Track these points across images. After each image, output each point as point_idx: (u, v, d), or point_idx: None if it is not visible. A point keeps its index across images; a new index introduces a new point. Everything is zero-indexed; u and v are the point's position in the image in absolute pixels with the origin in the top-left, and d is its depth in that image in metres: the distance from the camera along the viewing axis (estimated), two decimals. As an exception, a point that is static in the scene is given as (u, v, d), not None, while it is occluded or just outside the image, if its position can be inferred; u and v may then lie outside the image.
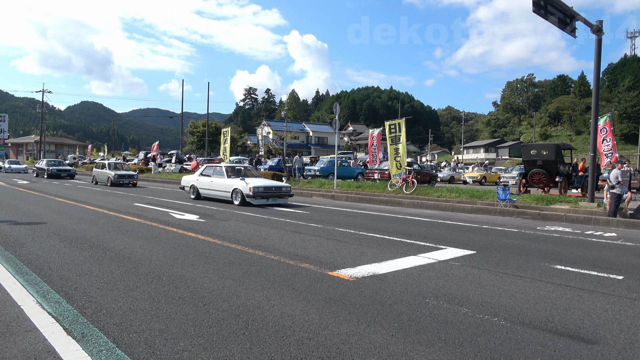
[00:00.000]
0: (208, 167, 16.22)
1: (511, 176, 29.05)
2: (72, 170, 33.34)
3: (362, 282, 5.18)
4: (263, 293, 4.64)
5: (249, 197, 13.63)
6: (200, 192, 15.76)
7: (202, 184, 15.66)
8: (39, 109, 67.68)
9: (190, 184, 16.30)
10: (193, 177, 16.56)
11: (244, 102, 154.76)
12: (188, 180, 16.69)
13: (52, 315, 3.85)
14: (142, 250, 6.76)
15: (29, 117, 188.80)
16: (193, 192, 16.06)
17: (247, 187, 13.66)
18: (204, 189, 15.64)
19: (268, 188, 14.03)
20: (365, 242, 7.94)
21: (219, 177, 15.09)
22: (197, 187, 15.82)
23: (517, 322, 3.97)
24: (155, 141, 56.59)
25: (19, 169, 41.40)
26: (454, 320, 3.97)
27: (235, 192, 14.11)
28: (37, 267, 5.55)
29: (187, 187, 16.53)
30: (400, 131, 18.23)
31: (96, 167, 26.27)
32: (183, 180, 17.09)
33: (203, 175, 15.89)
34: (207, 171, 16.00)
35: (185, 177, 17.20)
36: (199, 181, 15.83)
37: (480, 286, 5.12)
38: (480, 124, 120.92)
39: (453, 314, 4.15)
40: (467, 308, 4.32)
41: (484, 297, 4.68)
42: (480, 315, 4.11)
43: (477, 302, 4.50)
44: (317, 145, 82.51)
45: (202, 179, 15.75)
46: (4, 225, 8.94)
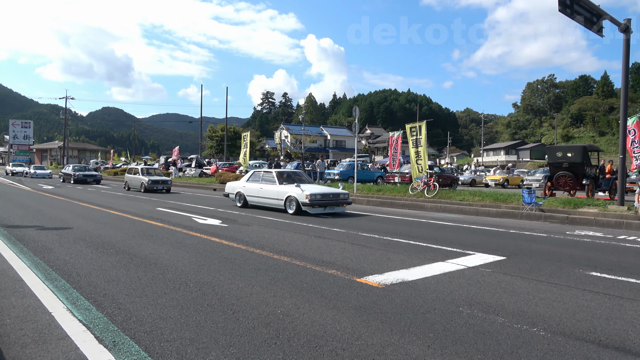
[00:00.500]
0: (256, 173, 15.13)
1: (535, 179, 28.50)
2: (98, 176, 33.09)
3: (392, 289, 5.06)
4: (292, 300, 4.56)
5: (305, 205, 12.44)
6: (248, 199, 14.62)
7: (250, 191, 14.50)
8: (62, 115, 69.10)
9: (236, 191, 15.13)
10: (239, 183, 15.43)
11: (261, 106, 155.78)
12: (234, 187, 15.45)
13: (83, 323, 3.83)
14: (168, 255, 6.76)
15: (52, 123, 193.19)
16: (240, 199, 14.92)
17: (303, 195, 12.45)
18: (252, 197, 14.48)
19: (325, 195, 12.79)
20: (390, 247, 7.81)
21: (269, 183, 13.93)
22: (245, 195, 14.68)
23: (557, 333, 3.81)
24: (174, 146, 57.25)
25: (43, 174, 41.84)
26: (491, 331, 3.83)
27: (289, 200, 12.91)
28: (66, 273, 5.58)
29: (233, 194, 15.30)
30: (420, 134, 18.03)
31: (128, 173, 25.65)
32: (228, 187, 15.84)
33: (251, 182, 14.75)
34: (255, 177, 14.89)
35: (230, 184, 15.98)
36: (247, 188, 14.67)
37: (514, 294, 4.95)
38: (499, 125, 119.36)
39: (489, 323, 4.01)
40: (503, 317, 4.17)
41: (519, 306, 4.52)
42: (518, 325, 3.96)
43: (513, 311, 4.35)
44: (335, 149, 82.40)
45: (250, 186, 14.57)
46: (32, 230, 9.07)
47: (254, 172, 15.29)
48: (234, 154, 63.32)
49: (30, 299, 4.48)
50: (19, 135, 74.24)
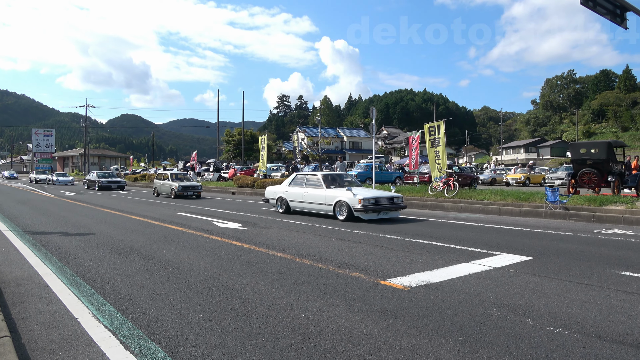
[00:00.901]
0: (299, 176, 14.02)
1: (557, 176, 27.94)
2: (122, 182, 32.74)
3: (417, 291, 4.96)
4: (316, 304, 4.50)
5: (358, 210, 11.34)
6: (291, 205, 13.62)
7: (294, 195, 13.51)
8: (82, 123, 70.38)
9: (278, 195, 14.16)
10: (280, 187, 14.39)
11: (277, 109, 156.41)
12: (274, 192, 14.46)
13: (108, 329, 3.83)
14: (190, 260, 6.76)
15: (73, 131, 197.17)
16: (281, 205, 13.95)
17: (356, 199, 11.37)
18: (295, 202, 13.49)
19: (379, 199, 11.73)
20: (413, 248, 7.69)
21: (315, 187, 12.89)
22: (287, 200, 13.69)
23: (592, 335, 3.67)
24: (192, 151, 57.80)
25: (65, 181, 42.57)
26: (523, 334, 3.71)
27: (339, 205, 11.89)
28: (90, 278, 5.62)
29: (274, 199, 14.36)
30: (439, 133, 17.82)
31: (157, 179, 24.59)
32: (268, 192, 14.79)
33: (294, 186, 13.72)
34: (298, 181, 13.79)
35: (271, 189, 14.91)
36: (289, 193, 13.67)
37: (544, 295, 4.81)
38: (518, 123, 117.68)
39: (520, 326, 3.89)
40: (534, 320, 4.04)
41: (550, 308, 4.38)
42: (551, 328, 3.83)
43: (544, 313, 4.21)
44: (352, 150, 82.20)
45: (293, 190, 13.57)
46: (56, 236, 9.19)
47: (296, 175, 14.23)
48: (251, 158, 63.64)
49: (56, 304, 4.51)
50: (41, 144, 75.88)
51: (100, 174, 33.93)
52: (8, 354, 2.87)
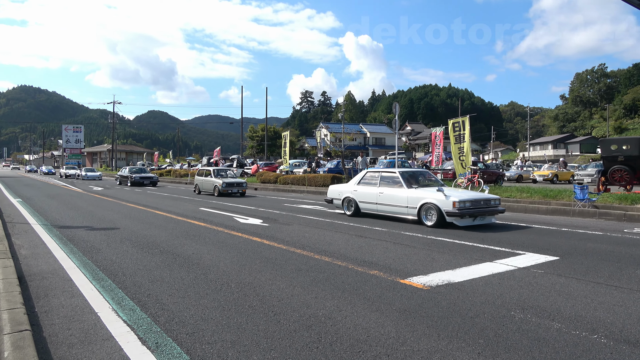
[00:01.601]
0: (371, 174, 12.18)
1: (586, 173, 27.15)
2: (155, 178, 32.26)
3: (438, 291, 4.86)
4: (333, 302, 4.46)
5: (452, 215, 9.55)
6: (362, 207, 11.86)
7: (365, 196, 11.72)
8: (110, 120, 71.97)
9: (344, 196, 12.39)
10: (347, 186, 12.63)
11: (300, 105, 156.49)
12: (340, 191, 12.69)
13: (127, 324, 3.86)
14: (210, 255, 6.80)
15: (101, 127, 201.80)
16: (349, 206, 12.26)
17: (449, 201, 9.58)
18: (367, 203, 11.67)
19: (476, 202, 9.93)
20: (434, 246, 7.57)
21: (394, 186, 11.04)
22: (357, 201, 11.95)
23: (621, 340, 3.52)
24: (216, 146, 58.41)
25: (94, 176, 43.30)
26: (547, 337, 3.58)
27: (426, 208, 10.06)
28: (112, 273, 5.70)
29: (339, 199, 12.60)
30: (464, 129, 17.50)
31: (199, 175, 23.08)
32: (332, 192, 13.05)
33: (364, 185, 11.96)
34: (369, 179, 11.98)
35: (335, 187, 13.15)
36: (359, 193, 11.91)
37: (570, 297, 4.64)
38: (546, 119, 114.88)
39: (544, 329, 3.76)
40: (559, 323, 3.90)
41: (577, 310, 4.23)
42: (577, 332, 3.69)
43: (570, 316, 4.07)
44: (375, 146, 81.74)
45: (364, 190, 11.80)
46: (82, 230, 9.39)
47: (366, 172, 12.42)
48: (274, 154, 63.97)
49: (78, 298, 4.59)
50: (71, 140, 77.92)
51: (132, 169, 33.51)
52: (27, 348, 2.92)
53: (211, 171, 22.00)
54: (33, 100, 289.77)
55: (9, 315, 3.48)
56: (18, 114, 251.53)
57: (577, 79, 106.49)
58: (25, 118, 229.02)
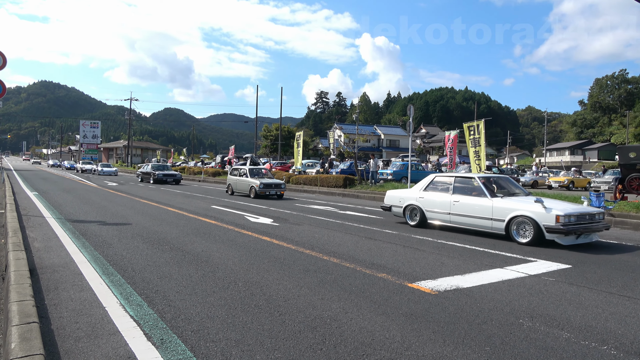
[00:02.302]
0: (440, 179, 10.48)
1: (604, 181, 26.69)
2: (178, 175, 30.23)
3: (445, 296, 4.81)
4: (340, 304, 4.44)
5: (554, 231, 7.94)
6: (429, 216, 10.19)
7: (434, 204, 10.07)
8: (127, 116, 72.78)
9: (407, 203, 10.72)
10: (410, 192, 10.94)
11: (315, 105, 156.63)
12: (401, 198, 11.03)
13: (134, 319, 3.89)
14: (219, 253, 6.83)
15: (118, 124, 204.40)
16: (412, 216, 10.61)
17: (551, 215, 7.99)
18: (437, 213, 9.99)
19: (581, 216, 8.26)
20: (444, 251, 7.50)
21: (471, 194, 9.44)
22: (423, 210, 10.30)
23: (631, 353, 3.44)
24: (230, 145, 58.74)
25: (110, 172, 42.97)
26: (555, 347, 3.52)
27: (518, 222, 8.40)
28: (122, 268, 5.76)
29: (399, 207, 10.97)
30: (479, 133, 17.34)
31: (232, 174, 21.22)
32: (390, 198, 11.42)
33: (432, 191, 10.29)
34: (438, 185, 10.31)
35: (395, 193, 11.47)
36: (427, 200, 10.27)
37: (581, 307, 4.56)
38: (564, 124, 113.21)
39: (553, 338, 3.69)
40: (568, 332, 3.83)
41: (587, 320, 4.15)
42: (586, 342, 3.62)
43: (579, 326, 3.99)
44: (389, 148, 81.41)
45: (433, 197, 10.14)
46: (94, 225, 9.51)
47: (435, 177, 10.65)
48: (288, 153, 64.06)
49: (87, 292, 4.64)
50: (88, 135, 79.01)
51: (155, 166, 31.49)
52: (34, 340, 2.95)
53: (247, 170, 20.13)
54: (52, 95, 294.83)
55: (18, 307, 3.53)
56: (38, 108, 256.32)
57: (597, 85, 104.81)
58: (44, 113, 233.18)
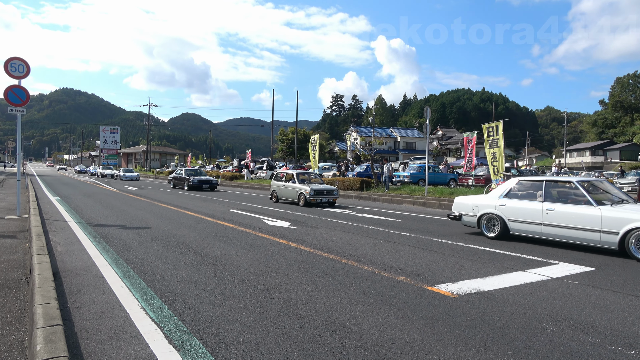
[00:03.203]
0: (527, 182, 9.25)
1: (626, 182, 26.11)
2: (215, 181, 28.01)
3: (466, 299, 4.75)
4: (359, 307, 4.42)
5: None
6: (513, 227, 8.83)
7: (521, 213, 8.71)
8: (145, 121, 73.80)
9: (484, 211, 9.34)
10: (487, 199, 9.52)
11: (331, 109, 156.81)
12: (474, 205, 9.65)
13: (155, 322, 3.93)
14: (237, 257, 6.87)
15: (137, 129, 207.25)
16: (490, 226, 9.26)
17: None
18: (525, 223, 8.63)
19: None
20: (464, 253, 7.41)
21: (569, 201, 8.30)
22: (505, 219, 8.92)
23: (660, 358, 3.34)
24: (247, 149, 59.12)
25: (132, 177, 43.30)
26: (580, 351, 3.44)
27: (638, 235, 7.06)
28: (142, 271, 5.82)
29: (473, 216, 9.59)
30: (497, 134, 17.13)
31: (276, 179, 19.36)
32: (460, 205, 10.05)
33: (516, 198, 9.02)
34: (525, 189, 9.15)
35: (466, 200, 9.99)
36: (510, 208, 8.91)
37: (606, 310, 4.46)
38: (584, 124, 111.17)
39: (578, 343, 3.61)
40: (594, 337, 3.75)
41: (613, 324, 4.05)
42: (612, 347, 3.54)
43: (605, 330, 3.90)
44: (405, 151, 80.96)
45: (519, 205, 8.80)
46: (115, 229, 9.64)
47: (518, 181, 9.35)
48: (304, 157, 64.17)
49: (108, 295, 4.70)
50: (108, 140, 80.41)
51: (189, 171, 29.33)
52: (58, 342, 3.00)
53: (294, 175, 18.07)
54: (73, 102, 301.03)
55: (43, 310, 3.59)
56: (59, 115, 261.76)
57: (618, 84, 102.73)
58: (65, 119, 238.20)
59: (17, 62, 10.55)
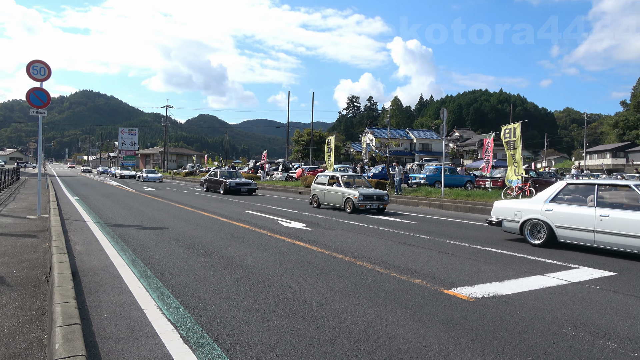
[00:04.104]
0: (576, 186, 8.62)
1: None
2: (253, 184, 24.98)
3: (483, 303, 4.69)
4: (374, 310, 4.39)
5: None
6: (562, 234, 8.08)
7: (570, 219, 7.95)
8: (163, 123, 74.68)
9: (528, 217, 8.62)
10: (530, 204, 8.80)
11: (346, 110, 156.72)
12: (517, 210, 8.89)
13: (171, 322, 3.96)
14: (253, 258, 6.88)
15: (155, 130, 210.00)
16: (535, 232, 8.55)
17: None
18: (575, 230, 7.88)
19: None
20: (481, 257, 7.32)
21: (625, 207, 7.58)
22: (552, 225, 8.18)
23: (686, 366, 3.25)
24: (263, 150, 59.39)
25: (154, 178, 42.20)
26: (602, 358, 3.36)
27: None
28: (159, 271, 5.87)
29: (515, 222, 8.83)
30: (515, 136, 16.92)
31: (318, 183, 17.11)
32: (501, 210, 9.26)
33: (565, 202, 8.31)
34: (574, 193, 8.49)
35: (507, 205, 9.30)
36: (557, 214, 8.16)
37: (629, 316, 4.35)
38: (605, 126, 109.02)
39: (599, 349, 3.53)
40: (615, 343, 3.66)
41: (635, 331, 3.95)
42: (635, 354, 3.45)
43: (627, 336, 3.81)
44: (421, 152, 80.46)
45: (568, 210, 8.05)
46: (132, 229, 9.76)
47: (566, 185, 8.58)
48: (319, 158, 64.20)
49: (126, 295, 4.75)
50: (126, 142, 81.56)
51: (224, 172, 26.68)
52: (76, 341, 3.04)
53: (339, 178, 15.93)
54: (93, 104, 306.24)
55: (62, 309, 3.64)
56: (79, 117, 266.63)
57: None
58: (85, 121, 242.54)
59: (39, 65, 10.76)
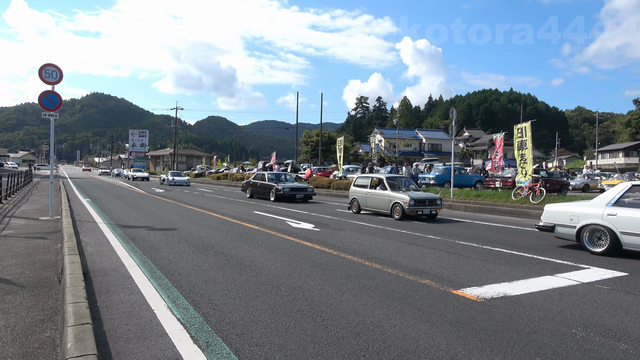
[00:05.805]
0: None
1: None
2: (310, 189, 20.83)
3: (492, 304, 4.67)
4: (382, 310, 4.39)
5: None
6: (627, 240, 7.20)
7: (637, 225, 7.05)
8: (173, 125, 75.14)
9: (586, 222, 7.77)
10: (591, 207, 7.84)
11: (355, 111, 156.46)
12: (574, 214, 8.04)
13: (181, 322, 4.00)
14: (262, 258, 6.92)
15: (165, 132, 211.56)
16: (595, 238, 7.71)
17: None
18: None
19: None
20: (490, 257, 7.28)
21: None
22: (617, 232, 7.29)
23: (698, 367, 3.21)
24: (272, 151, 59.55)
25: (181, 182, 36.78)
26: (612, 359, 3.34)
27: None
28: (169, 272, 5.93)
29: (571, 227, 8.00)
30: (525, 135, 16.78)
31: (357, 185, 15.19)
32: (554, 214, 8.41)
33: (629, 205, 7.45)
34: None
35: (562, 208, 8.40)
36: (623, 219, 7.25)
37: (639, 317, 4.32)
38: (617, 125, 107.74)
39: (609, 350, 3.51)
40: (626, 344, 3.63)
41: (647, 331, 3.92)
42: (646, 355, 3.42)
43: (638, 337, 3.78)
44: (431, 152, 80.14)
45: (634, 214, 7.14)
46: (143, 230, 9.84)
47: (631, 187, 7.68)
48: (328, 159, 64.26)
49: (136, 295, 4.80)
50: (136, 144, 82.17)
51: (272, 175, 21.91)
52: (88, 340, 3.08)
53: (384, 180, 14.21)
54: (104, 106, 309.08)
55: (73, 309, 3.69)
56: (90, 119, 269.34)
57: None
58: (96, 123, 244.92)
59: (51, 69, 10.91)
